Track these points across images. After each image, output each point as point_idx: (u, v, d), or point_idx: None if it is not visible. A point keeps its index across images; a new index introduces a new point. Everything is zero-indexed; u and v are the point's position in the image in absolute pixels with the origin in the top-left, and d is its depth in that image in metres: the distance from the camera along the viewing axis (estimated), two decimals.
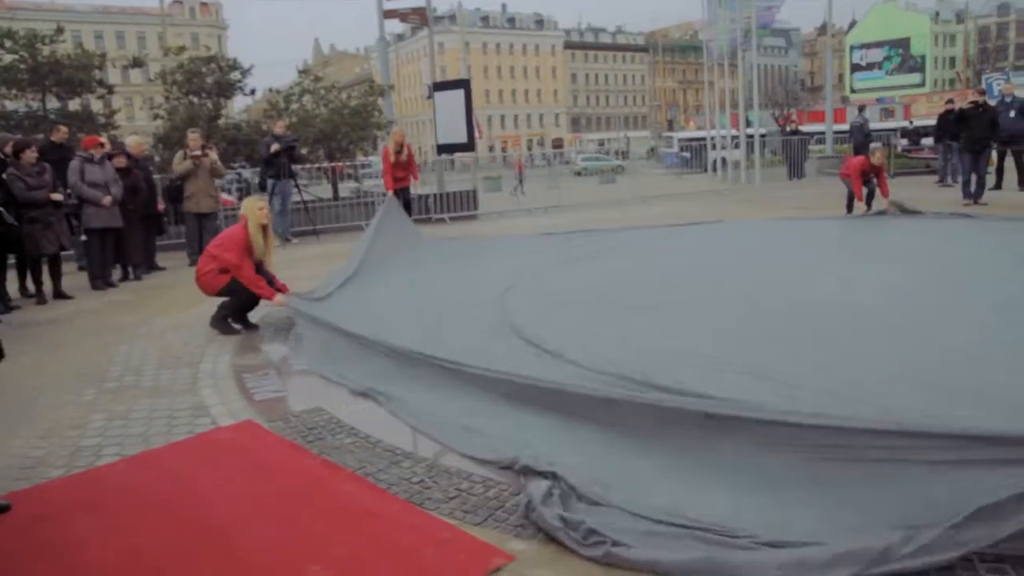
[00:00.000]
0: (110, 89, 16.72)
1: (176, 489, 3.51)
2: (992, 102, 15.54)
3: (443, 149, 16.55)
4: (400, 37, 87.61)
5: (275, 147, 12.49)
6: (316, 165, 16.43)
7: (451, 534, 3.00)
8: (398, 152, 12.33)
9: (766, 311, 5.75)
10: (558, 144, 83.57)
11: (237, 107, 45.55)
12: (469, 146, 16.28)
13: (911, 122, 37.25)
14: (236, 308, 6.62)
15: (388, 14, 17.47)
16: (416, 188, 14.34)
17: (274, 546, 2.95)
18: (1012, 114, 14.44)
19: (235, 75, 15.80)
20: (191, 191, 11.07)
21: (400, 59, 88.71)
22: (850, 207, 12.00)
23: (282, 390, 5.01)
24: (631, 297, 6.63)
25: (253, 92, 16.79)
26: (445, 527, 3.05)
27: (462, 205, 15.93)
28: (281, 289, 6.75)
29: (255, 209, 6.62)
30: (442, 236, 11.88)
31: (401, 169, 12.49)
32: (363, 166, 17.55)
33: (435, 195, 15.80)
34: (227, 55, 18.45)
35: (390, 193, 11.95)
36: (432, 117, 16.52)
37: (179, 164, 11.05)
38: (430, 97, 16.38)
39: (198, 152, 10.97)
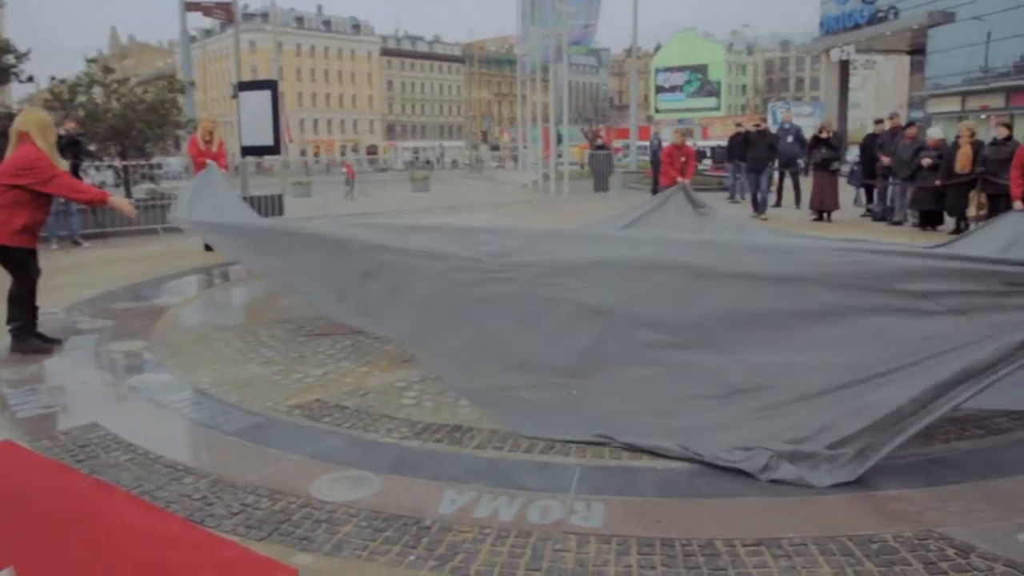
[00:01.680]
0: None
1: None
2: (774, 128, 17.12)
3: (247, 151, 15.83)
4: (208, 32, 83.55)
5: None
6: (107, 163, 15.23)
7: (233, 552, 2.85)
8: (207, 142, 11.46)
9: None
10: (372, 151, 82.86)
11: (16, 95, 41.37)
12: (275, 149, 15.68)
13: (694, 144, 40.34)
14: (24, 301, 5.66)
15: (190, 7, 16.53)
16: None
17: None
18: (789, 139, 15.92)
19: (8, 59, 14.32)
20: None
21: (208, 56, 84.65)
22: None
23: (52, 405, 4.55)
24: None
25: (31, 79, 15.27)
26: (226, 544, 2.89)
27: (267, 210, 15.31)
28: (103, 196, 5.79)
29: (41, 118, 5.61)
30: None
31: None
32: (157, 166, 16.43)
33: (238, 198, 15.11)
34: (2, 36, 16.71)
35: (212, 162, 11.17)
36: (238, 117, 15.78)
37: None
38: (234, 96, 15.64)
39: None
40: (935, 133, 12.84)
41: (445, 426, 4.04)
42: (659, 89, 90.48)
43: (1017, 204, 9.14)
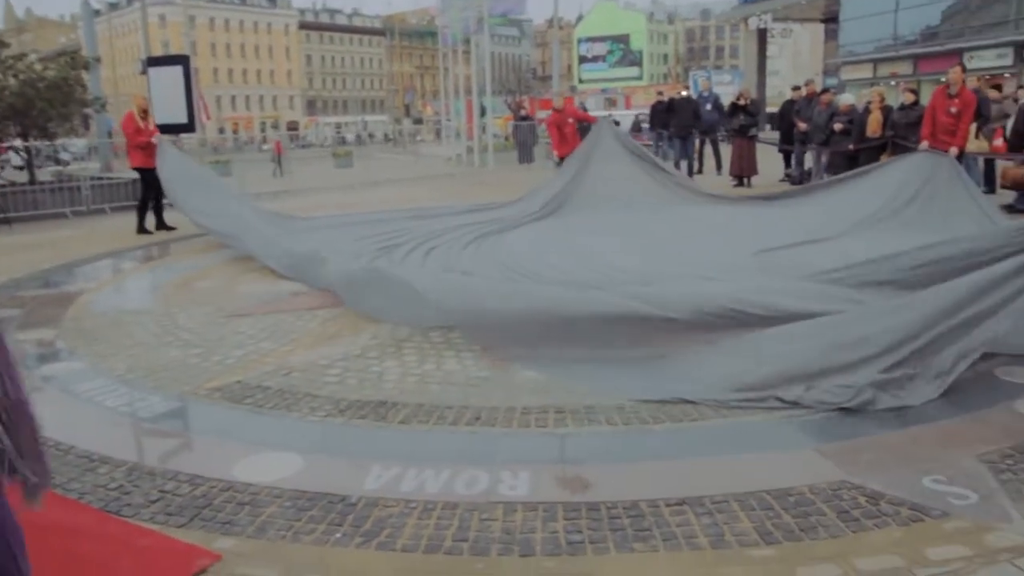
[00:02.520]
0: None
1: None
2: (694, 96, 17.36)
3: (161, 129, 15.28)
4: (114, 6, 79.99)
5: None
6: (6, 144, 14.47)
7: (152, 540, 2.77)
8: (143, 118, 10.70)
9: None
10: (293, 127, 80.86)
11: None
12: (190, 127, 15.18)
13: (610, 115, 40.99)
14: None
15: None
16: None
17: None
18: (708, 107, 16.16)
19: None
20: None
21: (114, 30, 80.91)
22: None
23: None
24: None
25: None
26: (145, 533, 2.82)
27: None
28: None
29: None
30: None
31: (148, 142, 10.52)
32: (62, 147, 15.71)
33: None
34: None
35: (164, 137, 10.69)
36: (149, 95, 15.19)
37: None
38: (143, 72, 15.06)
39: None
40: (846, 99, 13.19)
41: (369, 402, 4.00)
42: (582, 59, 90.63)
43: (923, 144, 9.49)
